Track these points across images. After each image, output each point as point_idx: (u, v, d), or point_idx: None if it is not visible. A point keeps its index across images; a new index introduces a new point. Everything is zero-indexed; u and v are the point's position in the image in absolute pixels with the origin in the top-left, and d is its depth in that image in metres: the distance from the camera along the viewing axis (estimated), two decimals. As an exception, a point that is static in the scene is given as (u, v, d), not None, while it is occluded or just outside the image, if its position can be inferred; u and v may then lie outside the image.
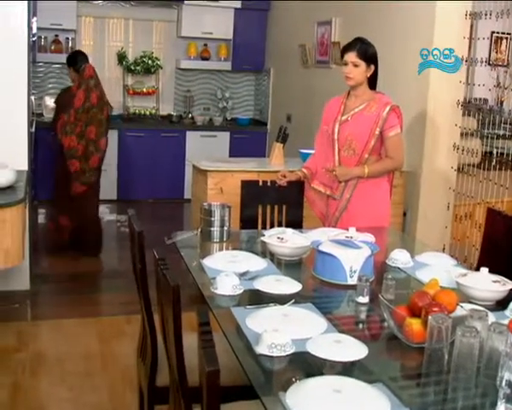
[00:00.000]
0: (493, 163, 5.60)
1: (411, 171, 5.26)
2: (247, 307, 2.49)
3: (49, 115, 8.18)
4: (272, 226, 3.94)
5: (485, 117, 5.77)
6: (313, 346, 2.18)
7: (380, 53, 3.85)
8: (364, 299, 2.63)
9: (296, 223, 3.94)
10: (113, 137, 8.16)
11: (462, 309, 2.32)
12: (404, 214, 5.37)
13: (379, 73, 3.88)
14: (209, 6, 8.48)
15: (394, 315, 2.32)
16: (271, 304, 2.50)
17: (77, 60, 6.09)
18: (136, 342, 3.21)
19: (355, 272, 2.80)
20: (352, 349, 2.18)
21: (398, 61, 5.30)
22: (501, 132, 7.10)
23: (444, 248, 5.32)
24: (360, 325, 2.63)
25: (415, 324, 2.24)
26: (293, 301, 2.54)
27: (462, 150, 5.26)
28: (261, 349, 2.12)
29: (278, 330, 2.16)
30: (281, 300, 2.57)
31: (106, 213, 8.13)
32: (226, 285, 2.63)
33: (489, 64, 8.16)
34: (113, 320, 4.67)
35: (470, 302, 2.60)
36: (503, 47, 11.49)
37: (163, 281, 2.15)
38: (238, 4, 8.60)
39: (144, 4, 8.64)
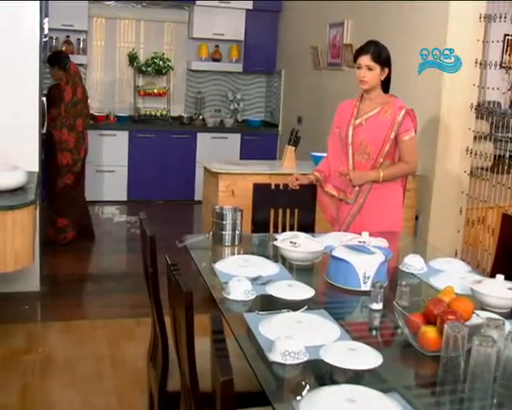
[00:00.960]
0: (506, 167, 5.56)
1: (424, 174, 5.21)
2: (260, 312, 2.46)
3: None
4: (284, 230, 3.92)
5: (498, 120, 5.73)
6: (327, 353, 2.15)
7: (392, 55, 3.81)
8: (378, 305, 2.59)
9: (308, 227, 3.92)
10: (123, 138, 8.20)
11: (478, 317, 2.29)
12: (416, 218, 5.33)
13: (392, 75, 3.84)
14: (220, 7, 8.46)
15: (409, 323, 2.29)
16: (284, 310, 2.47)
17: (61, 59, 6.47)
18: (145, 345, 3.20)
19: (368, 277, 2.77)
20: (367, 357, 2.15)
21: (410, 63, 5.25)
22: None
23: (456, 253, 5.28)
24: (374, 332, 2.60)
25: (430, 332, 2.20)
26: (305, 307, 2.51)
27: (475, 154, 5.21)
28: (274, 357, 2.09)
29: (291, 338, 2.13)
30: (293, 305, 2.54)
31: (116, 215, 8.15)
32: (238, 290, 2.60)
33: (502, 67, 8.10)
34: (122, 322, 4.65)
35: (485, 309, 2.56)
36: (516, 50, 11.42)
37: (176, 286, 2.12)
38: (250, 5, 8.58)
39: (155, 5, 8.63)
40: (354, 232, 3.74)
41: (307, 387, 1.88)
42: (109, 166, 8.16)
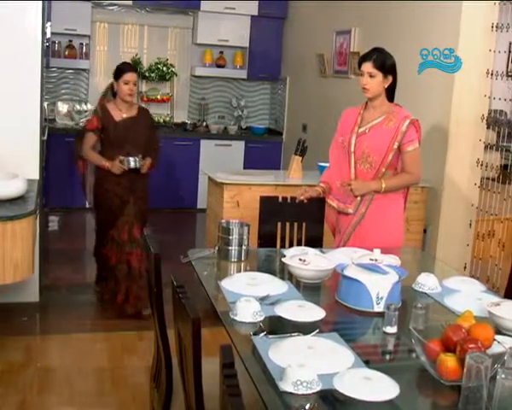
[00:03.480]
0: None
1: (432, 187, 5.11)
2: (269, 336, 2.35)
3: (61, 121, 8.11)
4: (291, 244, 3.81)
5: (504, 129, 5.63)
6: (341, 383, 2.04)
7: (401, 65, 3.73)
8: (392, 329, 2.48)
9: (316, 241, 3.82)
10: (126, 144, 8.06)
11: (500, 345, 2.18)
12: (425, 231, 5.21)
13: (401, 84, 3.75)
14: (225, 13, 8.35)
15: (427, 350, 2.18)
16: (294, 334, 2.36)
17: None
18: (147, 361, 3.09)
19: (382, 298, 2.66)
20: (383, 387, 2.03)
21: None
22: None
23: (465, 267, 5.17)
24: (387, 356, 2.50)
25: (449, 361, 2.09)
26: (317, 330, 2.40)
27: (481, 165, 5.10)
28: (285, 386, 1.98)
29: (303, 366, 2.02)
30: (304, 328, 2.44)
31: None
32: (246, 312, 2.49)
33: (507, 76, 8.00)
34: (124, 336, 4.53)
35: (503, 333, 2.45)
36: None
37: (182, 310, 2.01)
38: (255, 12, 8.47)
39: (159, 10, 8.53)
40: (354, 243, 3.72)
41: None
42: (111, 172, 8.03)
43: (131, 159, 4.80)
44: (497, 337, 2.26)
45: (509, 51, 9.77)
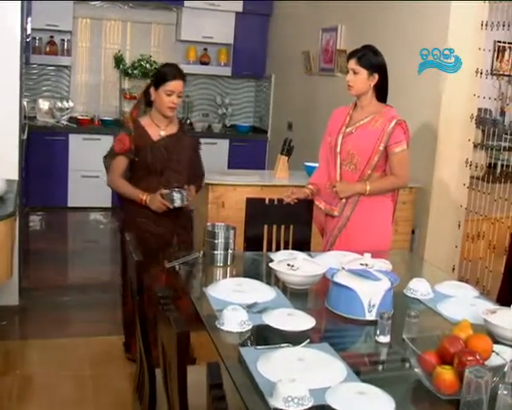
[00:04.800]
0: (497, 175, 5.41)
1: (421, 187, 5.02)
2: (258, 347, 2.24)
3: (42, 119, 7.95)
4: (278, 247, 3.71)
5: (488, 128, 5.57)
6: (334, 398, 1.94)
7: (388, 63, 3.63)
8: (385, 338, 2.39)
9: (304, 243, 3.73)
10: (108, 142, 7.84)
11: (498, 357, 2.09)
12: (413, 232, 5.12)
13: (388, 84, 3.65)
14: (209, 9, 8.22)
15: (422, 362, 2.09)
16: (284, 345, 2.26)
17: None
18: (130, 367, 2.96)
19: (373, 306, 2.57)
20: (378, 402, 1.94)
21: (407, 71, 5.05)
22: (506, 144, 6.91)
23: (453, 269, 5.09)
24: (380, 367, 2.40)
25: (446, 373, 2.00)
26: (307, 341, 2.30)
27: (471, 165, 5.03)
28: (276, 402, 1.88)
29: (294, 380, 1.92)
30: (294, 337, 2.34)
31: (100, 221, 7.90)
32: (233, 321, 2.38)
33: (492, 74, 7.96)
34: (106, 341, 4.40)
35: (499, 342, 2.36)
36: (507, 57, 11.31)
37: (167, 324, 1.90)
38: (239, 8, 8.35)
39: (142, 6, 8.38)
40: (340, 245, 3.64)
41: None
42: (94, 171, 7.84)
43: (177, 195, 3.68)
44: (495, 347, 2.18)
45: (494, 50, 9.75)
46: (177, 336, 1.75)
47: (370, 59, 3.57)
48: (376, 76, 3.59)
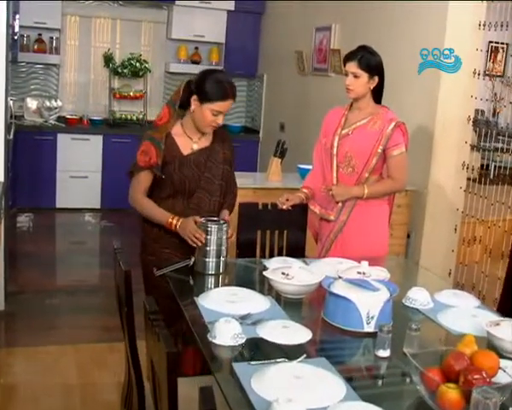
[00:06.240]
0: (491, 177, 5.34)
1: (417, 190, 4.92)
2: (252, 362, 2.13)
3: (30, 118, 7.81)
4: (272, 253, 3.60)
5: (482, 129, 5.50)
6: (333, 419, 1.83)
7: (384, 64, 3.53)
8: (385, 353, 2.29)
9: (298, 249, 3.62)
10: (97, 142, 7.83)
11: (506, 374, 1.99)
12: (408, 236, 5.02)
13: (384, 84, 3.55)
14: (201, 7, 8.10)
15: (425, 379, 1.98)
16: (280, 360, 2.15)
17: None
18: (118, 375, 2.85)
19: (372, 318, 2.46)
20: (380, 424, 1.83)
21: (403, 71, 4.96)
22: (499, 145, 6.85)
23: (449, 273, 5.00)
24: (380, 382, 2.29)
25: (451, 392, 1.89)
26: (304, 356, 2.19)
27: (468, 168, 4.94)
28: (272, 425, 1.77)
29: (291, 400, 1.81)
30: (289, 351, 2.23)
31: (88, 223, 7.77)
32: (226, 334, 2.27)
33: (485, 74, 7.89)
34: (94, 348, 4.28)
35: (503, 356, 2.26)
36: (499, 57, 11.26)
37: (156, 341, 1.78)
38: (231, 6, 8.23)
39: (133, 4, 8.24)
40: (336, 251, 3.55)
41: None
42: (82, 171, 7.78)
43: (215, 226, 2.99)
44: (502, 362, 2.08)
45: (487, 50, 9.70)
46: (167, 356, 1.64)
47: (370, 61, 3.47)
48: (376, 78, 3.50)
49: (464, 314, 2.68)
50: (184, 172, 3.17)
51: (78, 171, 7.73)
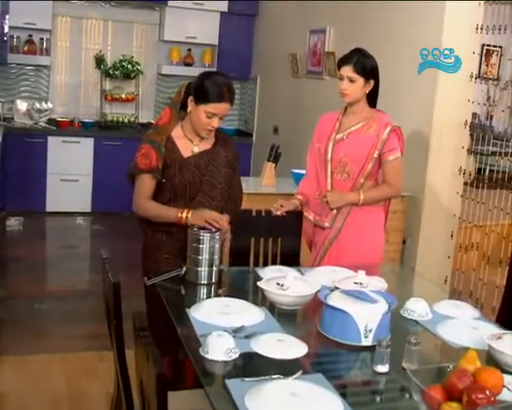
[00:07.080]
0: (486, 181, 5.27)
1: (412, 195, 4.85)
2: (245, 379, 2.05)
3: (20, 120, 7.71)
4: (266, 261, 3.52)
5: (477, 133, 5.43)
6: (331, 441, 1.75)
7: (379, 67, 3.46)
8: (384, 368, 2.20)
9: (293, 256, 3.54)
10: (88, 145, 7.73)
11: (510, 393, 1.91)
12: (404, 242, 4.95)
13: (380, 88, 3.48)
14: (194, 9, 8.00)
15: (427, 398, 1.91)
16: (275, 376, 2.06)
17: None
18: (107, 385, 2.76)
19: (370, 331, 2.37)
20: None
21: (399, 76, 4.89)
22: (495, 149, 6.78)
23: (446, 280, 4.93)
24: (378, 399, 2.21)
25: (454, 412, 1.82)
26: (300, 372, 2.10)
27: (465, 173, 4.87)
28: (267, 448, 1.69)
29: (287, 421, 1.73)
30: (285, 366, 2.15)
31: (79, 227, 7.67)
32: (219, 349, 2.18)
33: (479, 78, 7.83)
34: (83, 357, 4.18)
35: (505, 371, 2.18)
36: (493, 60, 11.21)
37: (145, 360, 1.70)
38: (224, 8, 8.15)
39: (124, 5, 8.15)
40: (331, 259, 3.48)
41: None
42: (73, 175, 7.68)
43: (207, 235, 2.90)
44: (505, 378, 2.00)
45: (480, 53, 9.65)
46: (157, 377, 1.55)
47: (366, 65, 3.40)
48: (372, 82, 3.43)
49: (464, 326, 2.61)
50: (185, 175, 3.13)
51: (69, 174, 7.63)
